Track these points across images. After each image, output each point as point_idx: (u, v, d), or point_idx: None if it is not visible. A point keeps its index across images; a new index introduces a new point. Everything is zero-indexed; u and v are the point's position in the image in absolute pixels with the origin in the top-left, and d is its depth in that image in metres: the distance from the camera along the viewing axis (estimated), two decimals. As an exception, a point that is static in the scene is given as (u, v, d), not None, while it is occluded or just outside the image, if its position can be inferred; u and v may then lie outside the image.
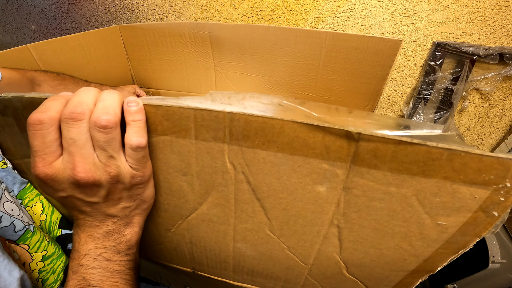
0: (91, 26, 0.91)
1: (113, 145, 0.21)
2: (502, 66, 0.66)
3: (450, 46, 0.65)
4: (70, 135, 0.20)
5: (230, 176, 0.25)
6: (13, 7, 0.95)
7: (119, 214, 0.25)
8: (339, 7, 0.68)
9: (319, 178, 0.23)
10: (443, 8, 0.63)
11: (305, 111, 0.24)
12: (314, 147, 0.22)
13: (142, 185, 0.25)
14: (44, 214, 0.33)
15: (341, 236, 0.26)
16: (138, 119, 0.22)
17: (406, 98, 0.77)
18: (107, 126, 0.20)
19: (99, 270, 0.24)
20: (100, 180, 0.22)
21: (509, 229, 0.71)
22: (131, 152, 0.22)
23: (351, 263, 0.28)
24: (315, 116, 0.24)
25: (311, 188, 0.24)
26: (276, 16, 0.73)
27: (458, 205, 0.22)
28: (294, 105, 0.24)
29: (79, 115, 0.20)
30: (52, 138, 0.21)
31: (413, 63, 0.71)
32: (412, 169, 0.21)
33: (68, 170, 0.21)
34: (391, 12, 0.65)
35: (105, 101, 0.21)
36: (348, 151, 0.21)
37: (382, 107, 0.80)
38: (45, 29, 0.97)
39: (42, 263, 0.30)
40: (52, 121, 0.20)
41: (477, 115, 0.76)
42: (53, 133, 0.21)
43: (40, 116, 0.20)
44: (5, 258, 0.23)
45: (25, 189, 0.32)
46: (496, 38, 0.64)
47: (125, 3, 0.83)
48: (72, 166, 0.21)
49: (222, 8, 0.75)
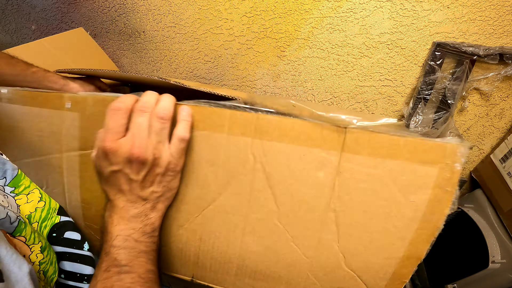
0: (91, 26, 0.91)
1: (164, 134, 0.29)
2: (502, 66, 0.66)
3: (450, 46, 0.65)
4: (138, 120, 0.28)
5: (250, 165, 0.31)
6: (13, 7, 0.95)
7: (148, 197, 0.29)
8: (339, 7, 0.68)
9: (319, 164, 0.29)
10: (443, 8, 0.63)
11: (311, 110, 0.29)
12: (315, 138, 0.29)
13: (173, 173, 0.30)
14: (42, 201, 0.33)
15: (337, 220, 0.31)
16: (186, 120, 0.30)
17: (406, 98, 0.77)
18: (163, 117, 0.28)
19: (128, 250, 0.27)
20: (147, 159, 0.28)
21: (509, 229, 0.71)
22: (176, 142, 0.29)
23: (348, 252, 0.31)
24: (317, 114, 0.29)
25: (313, 173, 0.30)
26: (276, 16, 0.73)
27: (420, 182, 0.28)
28: (303, 106, 0.30)
29: (147, 108, 0.29)
30: (123, 122, 0.28)
31: (413, 63, 0.71)
32: (382, 153, 0.28)
33: (128, 146, 0.28)
34: (391, 12, 0.65)
35: (164, 102, 0.29)
36: (338, 141, 0.28)
37: (382, 107, 0.80)
38: (45, 29, 0.97)
39: (41, 254, 0.29)
40: (127, 110, 0.28)
41: (477, 115, 0.76)
42: (124, 118, 0.28)
43: (119, 104, 0.28)
44: (14, 253, 0.23)
45: (18, 176, 0.32)
46: (496, 38, 0.64)
47: (125, 3, 0.83)
48: (131, 143, 0.28)
49: (222, 8, 0.75)
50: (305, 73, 0.80)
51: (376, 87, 0.77)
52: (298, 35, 0.74)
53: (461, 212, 0.84)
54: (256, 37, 0.78)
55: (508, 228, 0.71)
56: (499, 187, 0.75)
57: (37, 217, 0.32)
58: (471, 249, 0.79)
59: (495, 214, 0.76)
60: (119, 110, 0.28)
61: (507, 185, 0.72)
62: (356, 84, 0.78)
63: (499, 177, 0.75)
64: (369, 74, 0.75)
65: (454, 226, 0.88)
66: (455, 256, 0.86)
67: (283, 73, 0.82)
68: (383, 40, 0.69)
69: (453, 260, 0.86)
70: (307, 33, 0.73)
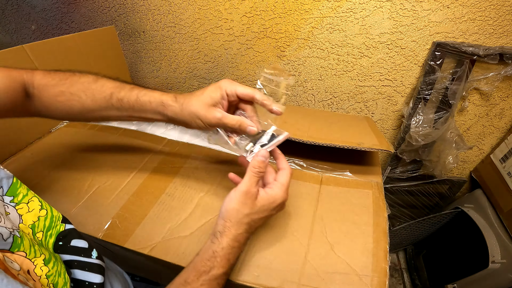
0: (91, 26, 0.91)
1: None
2: (502, 66, 0.66)
3: (450, 46, 0.65)
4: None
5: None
6: (13, 7, 0.95)
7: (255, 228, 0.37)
8: (339, 7, 0.68)
9: (311, 189, 0.52)
10: (443, 8, 0.63)
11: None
12: (310, 178, 0.54)
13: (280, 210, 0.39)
14: (44, 209, 0.32)
15: (323, 218, 0.47)
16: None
17: (406, 98, 0.77)
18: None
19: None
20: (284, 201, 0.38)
21: (509, 229, 0.71)
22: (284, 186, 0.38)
23: (334, 241, 0.43)
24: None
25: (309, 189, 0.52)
26: (276, 16, 0.73)
27: (365, 196, 0.51)
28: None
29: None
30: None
31: (413, 63, 0.71)
32: (341, 183, 0.53)
33: (283, 195, 0.37)
34: (391, 12, 0.65)
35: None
36: (318, 179, 0.54)
37: (382, 107, 0.80)
38: (45, 29, 0.97)
39: (46, 267, 0.28)
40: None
41: (477, 115, 0.76)
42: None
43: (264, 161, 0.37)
44: (3, 278, 0.21)
45: (14, 184, 0.31)
46: (496, 38, 0.64)
47: (125, 3, 0.83)
48: (283, 192, 0.37)
49: (222, 8, 0.75)
50: (305, 73, 0.80)
51: (376, 87, 0.77)
52: (298, 35, 0.74)
53: (461, 212, 0.84)
54: (256, 37, 0.78)
55: (508, 228, 0.71)
56: (499, 187, 0.75)
57: (41, 226, 0.31)
58: (471, 249, 0.79)
59: (495, 214, 0.76)
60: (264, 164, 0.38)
61: (507, 185, 0.72)
62: (356, 84, 0.78)
63: (499, 177, 0.75)
64: (369, 74, 0.75)
65: (454, 226, 0.88)
66: (455, 256, 0.86)
67: (283, 73, 0.82)
68: (383, 40, 0.69)
69: (453, 260, 0.86)
70: (307, 33, 0.73)
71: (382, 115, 0.82)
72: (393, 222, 1.04)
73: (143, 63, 0.94)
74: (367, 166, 0.57)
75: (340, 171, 0.55)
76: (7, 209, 0.29)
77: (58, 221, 0.33)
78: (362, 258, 0.40)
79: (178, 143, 0.61)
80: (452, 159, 0.75)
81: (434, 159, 0.79)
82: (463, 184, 0.90)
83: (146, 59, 0.93)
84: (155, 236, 0.42)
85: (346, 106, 0.83)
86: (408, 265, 1.07)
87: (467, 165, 0.88)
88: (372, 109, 0.82)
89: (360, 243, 0.42)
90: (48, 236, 0.32)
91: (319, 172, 0.55)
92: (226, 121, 0.36)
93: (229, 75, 0.87)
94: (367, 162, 0.58)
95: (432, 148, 0.79)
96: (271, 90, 0.40)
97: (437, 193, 0.93)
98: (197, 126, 0.37)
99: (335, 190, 0.51)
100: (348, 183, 0.53)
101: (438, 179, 0.86)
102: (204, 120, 0.36)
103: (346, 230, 0.44)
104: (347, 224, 0.45)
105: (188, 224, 0.44)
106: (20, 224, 0.29)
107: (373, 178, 0.54)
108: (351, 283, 0.37)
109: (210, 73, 0.89)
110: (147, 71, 0.96)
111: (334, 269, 0.39)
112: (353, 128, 0.63)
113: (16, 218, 0.29)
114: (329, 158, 0.57)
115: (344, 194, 0.50)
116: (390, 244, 0.43)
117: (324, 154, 0.57)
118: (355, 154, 0.57)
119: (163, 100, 0.37)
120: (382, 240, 0.42)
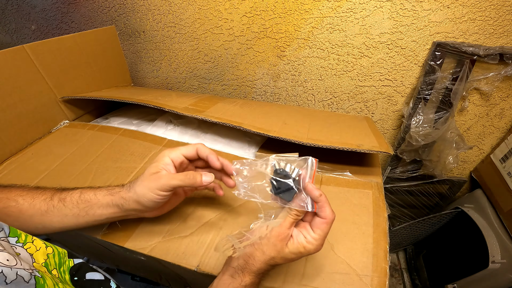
0: (91, 26, 0.91)
1: None
2: (502, 66, 0.66)
3: (450, 46, 0.65)
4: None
5: None
6: (13, 7, 0.95)
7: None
8: (339, 7, 0.68)
9: None
10: (443, 8, 0.63)
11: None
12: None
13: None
14: (49, 247, 0.31)
15: None
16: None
17: (406, 98, 0.77)
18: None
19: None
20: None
21: (509, 229, 0.71)
22: None
23: (335, 240, 0.42)
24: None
25: None
26: (276, 16, 0.73)
27: (365, 196, 0.50)
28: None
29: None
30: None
31: (413, 63, 0.71)
32: (341, 184, 0.53)
33: (318, 248, 0.33)
34: (391, 12, 0.65)
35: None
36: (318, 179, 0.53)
37: (382, 107, 0.80)
38: (45, 29, 0.97)
39: None
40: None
41: (477, 115, 0.76)
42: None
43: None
44: None
45: None
46: (496, 38, 0.64)
47: (125, 3, 0.83)
48: (320, 245, 0.33)
49: (222, 8, 0.75)
50: (305, 73, 0.80)
51: (376, 87, 0.77)
52: (298, 35, 0.74)
53: (461, 212, 0.84)
54: (256, 37, 0.78)
55: (508, 228, 0.71)
56: (499, 187, 0.75)
57: (52, 263, 0.30)
58: (471, 249, 0.79)
59: (495, 214, 0.76)
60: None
61: (507, 185, 0.72)
62: (356, 84, 0.78)
63: (499, 177, 0.75)
64: (369, 74, 0.75)
65: (454, 226, 0.88)
66: (455, 256, 0.86)
67: (283, 73, 0.82)
68: (383, 40, 0.69)
69: (453, 260, 0.86)
70: (307, 33, 0.73)
71: (382, 115, 0.82)
72: (393, 222, 1.04)
73: (143, 63, 0.94)
74: (367, 166, 0.57)
75: (340, 172, 0.55)
76: (16, 250, 0.27)
77: (65, 257, 0.32)
78: (362, 258, 0.40)
79: (178, 143, 0.61)
80: (452, 159, 0.75)
81: (434, 159, 0.79)
82: (463, 184, 0.90)
83: (146, 59, 0.93)
84: (155, 236, 0.42)
85: (346, 106, 0.83)
86: (408, 265, 1.07)
87: (467, 165, 0.88)
88: (372, 109, 0.82)
89: (360, 243, 0.42)
90: (62, 272, 0.31)
91: (319, 172, 0.55)
92: (172, 182, 0.35)
93: (229, 75, 0.87)
94: (367, 162, 0.58)
95: (432, 148, 0.79)
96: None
97: (437, 193, 0.93)
98: (152, 197, 0.35)
99: (335, 190, 0.51)
100: (348, 183, 0.52)
101: (438, 179, 0.86)
102: (154, 187, 0.35)
103: (346, 230, 0.44)
104: (347, 224, 0.45)
105: (188, 224, 0.44)
106: (34, 263, 0.28)
107: (373, 178, 0.53)
108: (351, 283, 0.37)
109: (210, 73, 0.89)
110: (147, 71, 0.96)
111: (334, 269, 0.39)
112: (353, 129, 0.63)
113: (28, 257, 0.28)
114: (329, 158, 0.58)
115: (344, 194, 0.50)
116: (390, 244, 0.43)
117: (324, 154, 0.57)
118: (355, 155, 0.57)
119: (109, 189, 0.37)
120: (382, 240, 0.42)
